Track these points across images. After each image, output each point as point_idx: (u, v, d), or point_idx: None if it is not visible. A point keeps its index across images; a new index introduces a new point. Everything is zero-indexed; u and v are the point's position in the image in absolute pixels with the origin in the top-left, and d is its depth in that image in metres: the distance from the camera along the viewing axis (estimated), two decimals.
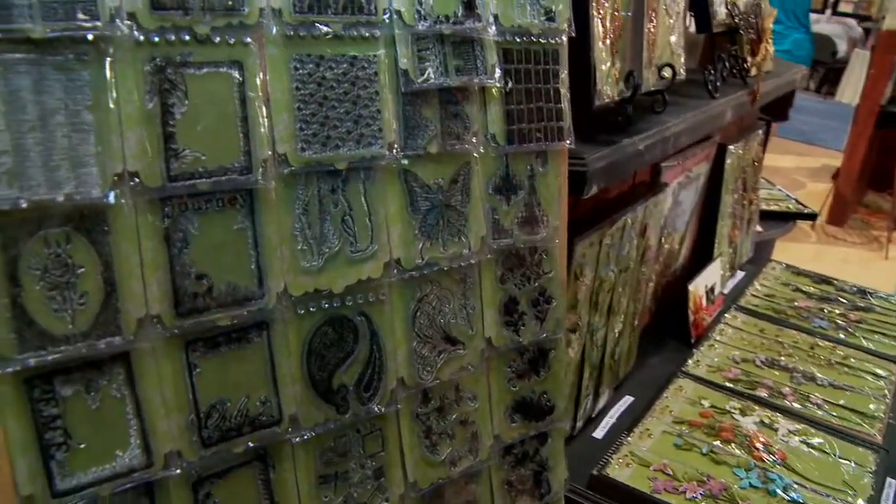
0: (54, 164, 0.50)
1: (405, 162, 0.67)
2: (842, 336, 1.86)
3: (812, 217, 2.79)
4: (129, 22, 0.51)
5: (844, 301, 2.06)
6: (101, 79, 0.51)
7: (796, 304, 2.01)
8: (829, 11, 8.67)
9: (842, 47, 8.34)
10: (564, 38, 0.79)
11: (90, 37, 0.50)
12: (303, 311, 0.63)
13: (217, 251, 0.57)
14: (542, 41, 0.77)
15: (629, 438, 1.38)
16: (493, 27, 0.71)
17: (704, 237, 1.97)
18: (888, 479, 1.36)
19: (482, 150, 0.73)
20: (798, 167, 6.65)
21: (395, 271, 0.69)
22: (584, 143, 1.00)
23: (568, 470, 0.95)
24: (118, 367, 0.54)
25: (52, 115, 0.50)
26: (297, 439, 0.64)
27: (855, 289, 2.16)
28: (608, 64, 1.07)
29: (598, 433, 1.43)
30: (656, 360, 1.70)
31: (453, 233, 0.72)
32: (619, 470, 1.30)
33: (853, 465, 1.38)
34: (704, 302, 1.86)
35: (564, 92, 0.79)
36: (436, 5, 0.66)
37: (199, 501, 0.60)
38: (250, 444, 0.61)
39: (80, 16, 0.49)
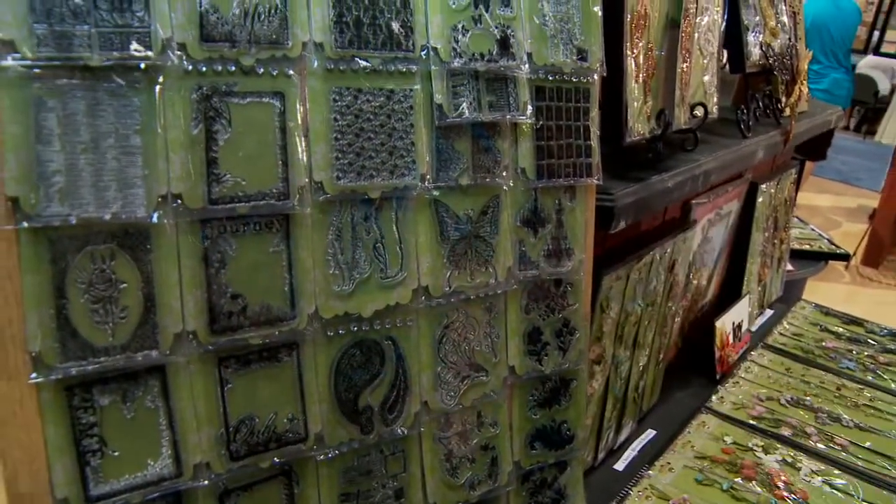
0: (103, 185, 0.52)
1: (436, 193, 0.69)
2: (870, 378, 1.83)
3: (845, 258, 2.75)
4: (179, 52, 0.54)
5: (874, 343, 2.03)
6: (150, 105, 0.54)
7: (824, 344, 1.98)
8: (871, 52, 8.58)
9: (884, 87, 8.23)
10: (596, 77, 0.80)
11: (143, 65, 0.52)
12: (332, 334, 0.65)
13: (253, 272, 0.59)
14: (574, 80, 0.78)
15: (650, 472, 1.37)
16: (527, 65, 0.73)
17: (733, 274, 1.95)
18: None
19: (512, 184, 0.75)
20: (834, 206, 6.56)
21: (423, 298, 0.70)
22: (613, 178, 1.01)
23: (587, 501, 0.95)
24: (153, 380, 0.56)
25: (104, 137, 0.52)
26: (322, 457, 0.66)
27: (886, 331, 2.12)
28: (640, 101, 1.08)
29: (620, 465, 1.42)
30: (681, 394, 1.69)
31: (481, 263, 0.74)
32: (639, 503, 1.29)
33: None
34: (731, 339, 1.84)
35: (594, 129, 0.80)
36: (471, 43, 0.68)
37: None
38: (276, 460, 0.63)
39: (135, 45, 0.52)
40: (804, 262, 2.64)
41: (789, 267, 2.45)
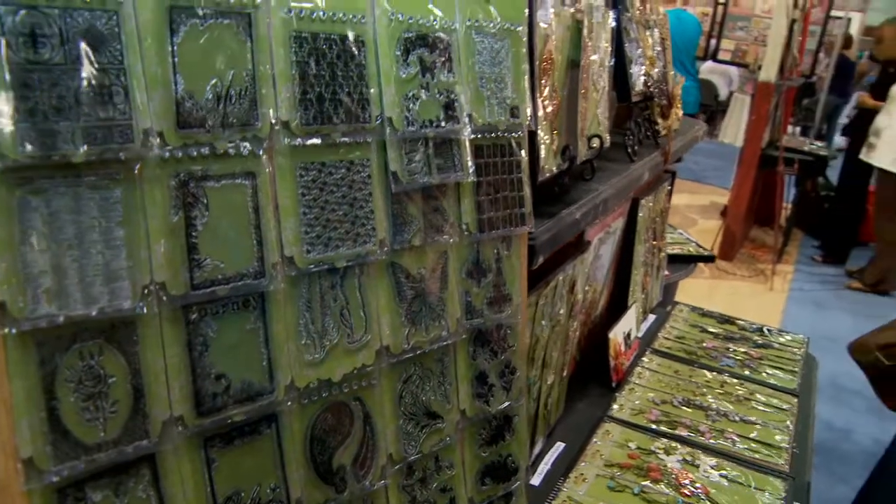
0: (90, 280, 0.52)
1: (393, 256, 0.72)
2: (747, 373, 2.01)
3: (710, 259, 2.98)
4: (157, 140, 0.55)
5: (746, 339, 2.22)
6: (131, 195, 0.54)
7: (705, 344, 2.15)
8: (709, 59, 9.25)
9: (723, 91, 8.92)
10: (526, 132, 0.86)
11: (123, 156, 0.53)
12: (306, 401, 0.67)
13: (233, 351, 0.61)
14: (507, 135, 0.84)
15: (566, 484, 1.45)
16: (468, 127, 0.77)
17: (620, 286, 2.08)
18: None
19: (457, 239, 0.79)
20: (689, 205, 7.03)
21: (385, 357, 0.73)
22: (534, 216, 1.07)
23: None
24: (144, 469, 0.57)
25: (88, 232, 0.52)
26: None
27: (754, 327, 2.32)
28: (549, 140, 1.15)
29: (536, 480, 1.49)
30: (582, 405, 1.79)
31: (434, 317, 0.78)
32: None
33: (767, 494, 1.49)
34: (623, 347, 1.96)
35: (526, 180, 0.86)
36: (421, 111, 0.72)
37: None
38: None
39: (116, 138, 0.52)
40: (676, 265, 2.84)
41: (665, 272, 2.63)
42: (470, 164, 0.78)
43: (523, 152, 0.86)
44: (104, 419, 0.54)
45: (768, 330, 2.33)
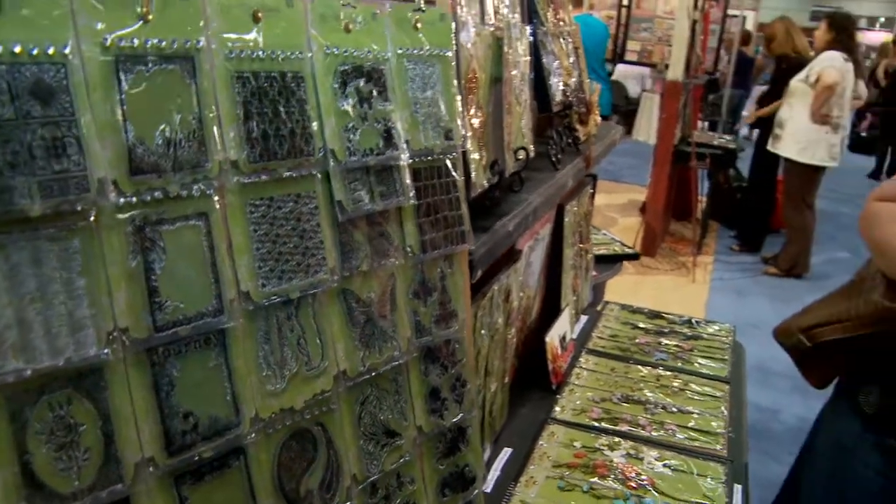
0: (55, 332, 0.54)
1: (344, 283, 0.75)
2: (680, 365, 2.10)
3: (635, 257, 3.09)
4: (112, 189, 0.56)
5: (676, 332, 2.31)
6: (89, 244, 0.56)
7: (637, 340, 2.24)
8: (617, 61, 9.55)
9: (634, 91, 9.22)
10: (460, 152, 0.90)
11: (79, 207, 0.54)
12: (271, 431, 0.69)
13: (198, 389, 0.62)
14: (443, 157, 0.87)
15: (517, 489, 1.50)
16: (406, 153, 0.81)
17: (552, 290, 2.15)
18: (735, 486, 1.57)
19: (402, 262, 0.82)
20: (608, 204, 7.23)
21: (343, 381, 0.76)
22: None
23: None
24: None
25: (49, 284, 0.54)
26: None
27: (683, 319, 2.43)
28: (478, 157, 1.19)
29: (487, 487, 1.52)
30: (525, 410, 1.84)
31: (385, 339, 0.81)
32: None
33: (709, 479, 1.58)
34: (559, 350, 2.02)
35: (462, 199, 0.90)
36: (361, 140, 0.75)
37: None
38: None
39: (72, 189, 0.54)
40: (602, 265, 2.93)
41: (593, 272, 2.71)
42: (410, 188, 0.81)
43: (459, 173, 0.90)
44: (77, 468, 0.55)
45: (696, 321, 2.44)
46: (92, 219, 0.56)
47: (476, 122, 1.20)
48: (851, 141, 11.91)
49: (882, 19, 24.22)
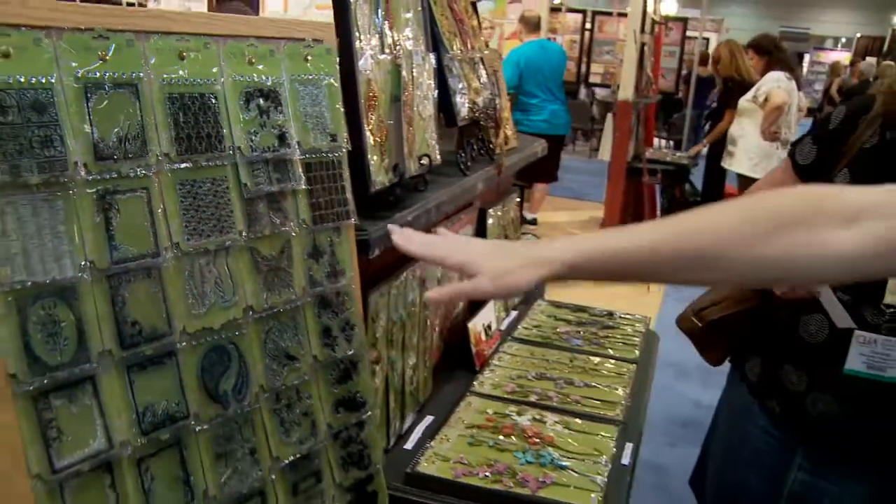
0: (46, 260, 0.87)
1: (250, 242, 1.08)
2: (594, 349, 2.43)
3: None
4: (83, 169, 0.90)
5: (596, 323, 2.65)
6: (69, 205, 0.89)
7: (558, 329, 2.57)
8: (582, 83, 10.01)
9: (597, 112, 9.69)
10: (344, 151, 1.24)
11: (63, 180, 0.88)
12: (195, 343, 1.02)
13: (141, 306, 0.95)
14: (330, 155, 1.22)
15: (432, 444, 1.82)
16: (298, 150, 1.15)
17: None
18: (626, 444, 1.89)
19: (298, 230, 1.16)
20: (570, 221, 7.61)
21: (251, 313, 1.09)
22: (367, 219, 1.45)
23: (387, 473, 1.36)
24: (87, 385, 0.90)
25: (43, 229, 0.87)
26: (199, 429, 1.02)
27: (604, 312, 2.77)
28: (378, 160, 1.53)
29: (408, 445, 1.84)
30: (449, 387, 2.16)
31: (284, 285, 1.14)
32: (428, 466, 1.72)
33: (601, 436, 1.89)
34: (483, 337, 2.35)
35: (347, 186, 1.24)
36: (261, 141, 1.09)
37: (142, 473, 0.96)
38: (171, 434, 0.98)
39: (58, 168, 0.87)
40: None
41: None
42: (301, 176, 1.15)
43: (345, 166, 1.24)
44: (60, 349, 0.88)
45: (616, 314, 2.78)
46: (71, 189, 0.89)
47: (377, 132, 1.54)
48: None
49: (843, 39, 25.06)
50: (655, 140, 7.73)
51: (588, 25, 10.51)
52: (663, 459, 3.64)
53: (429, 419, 1.98)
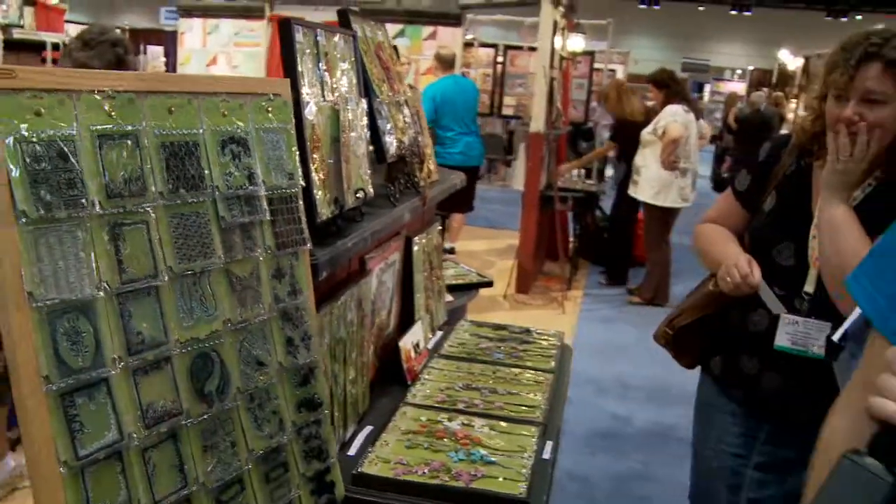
0: (71, 280, 1.07)
1: (227, 265, 1.31)
2: (514, 361, 2.70)
3: (489, 284, 3.72)
4: (98, 205, 1.11)
5: (514, 339, 2.93)
6: (87, 235, 1.10)
7: (481, 346, 2.84)
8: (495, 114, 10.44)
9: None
10: (300, 187, 1.48)
11: (82, 215, 1.09)
12: (185, 350, 1.23)
13: (145, 318, 1.16)
14: (288, 191, 1.45)
15: (373, 449, 2.04)
16: (263, 187, 1.38)
17: (406, 307, 2.73)
18: (546, 441, 2.16)
19: (264, 255, 1.39)
20: (488, 249, 7.94)
21: (229, 325, 1.31)
22: (317, 246, 1.68)
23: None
24: (103, 385, 1.11)
25: (67, 255, 1.07)
26: (190, 424, 1.23)
27: (523, 329, 3.05)
28: (322, 193, 1.77)
29: (351, 451, 2.05)
30: (385, 399, 2.39)
31: (254, 302, 1.36)
32: (371, 468, 1.94)
33: (524, 435, 2.16)
34: (413, 354, 2.59)
35: (303, 217, 1.47)
36: (234, 181, 1.32)
37: (146, 462, 1.16)
38: (168, 427, 1.19)
39: (80, 205, 1.08)
40: (461, 293, 3.55)
41: (450, 298, 3.31)
42: (266, 209, 1.38)
43: (300, 200, 1.48)
44: (82, 356, 1.08)
45: (533, 331, 3.06)
46: (88, 222, 1.10)
47: (320, 170, 1.78)
48: (714, 183, 13.23)
49: (739, 71, 26.65)
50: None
51: (500, 59, 10.99)
52: (585, 469, 3.93)
53: (368, 428, 2.20)
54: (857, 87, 1.76)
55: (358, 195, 2.00)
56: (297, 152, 1.48)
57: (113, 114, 1.15)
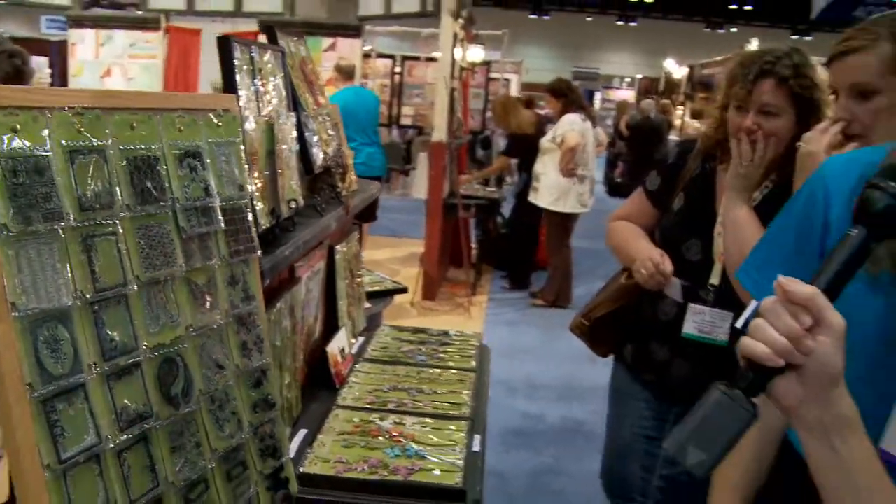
0: (50, 289, 1.12)
1: (188, 273, 1.37)
2: (436, 362, 2.82)
3: (403, 291, 3.84)
4: (73, 218, 1.16)
5: (435, 341, 3.05)
6: (63, 247, 1.15)
7: (403, 349, 2.95)
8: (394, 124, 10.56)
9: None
10: (249, 198, 1.56)
11: (57, 228, 1.14)
12: (153, 355, 1.29)
13: (116, 325, 1.22)
14: (239, 202, 1.53)
15: (311, 450, 2.12)
16: (218, 198, 1.45)
17: (331, 314, 2.81)
18: (475, 435, 2.28)
19: (220, 263, 1.46)
20: (391, 258, 8.04)
21: (191, 331, 1.38)
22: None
23: None
24: (81, 391, 1.16)
25: (45, 266, 1.12)
26: (159, 426, 1.29)
27: (439, 332, 3.17)
28: (261, 204, 1.85)
29: (291, 454, 2.12)
30: (316, 404, 2.48)
31: (212, 308, 1.43)
32: (312, 468, 2.03)
33: (453, 430, 2.28)
34: (340, 359, 2.68)
35: (252, 226, 1.55)
36: (192, 192, 1.39)
37: (122, 463, 1.22)
38: (140, 430, 1.25)
39: (55, 218, 1.13)
40: (377, 300, 3.65)
41: (368, 305, 3.41)
42: (221, 220, 1.46)
43: (249, 211, 1.55)
44: (61, 363, 1.13)
45: (451, 333, 3.19)
46: (63, 233, 1.15)
47: (259, 181, 1.85)
48: (609, 187, 13.78)
49: (628, 79, 27.80)
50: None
51: (398, 70, 11.13)
52: (502, 465, 4.09)
53: (304, 431, 2.28)
54: (754, 100, 1.99)
55: (291, 205, 2.08)
56: (246, 165, 1.56)
57: (82, 130, 1.21)
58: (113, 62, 7.67)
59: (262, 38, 2.29)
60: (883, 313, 1.14)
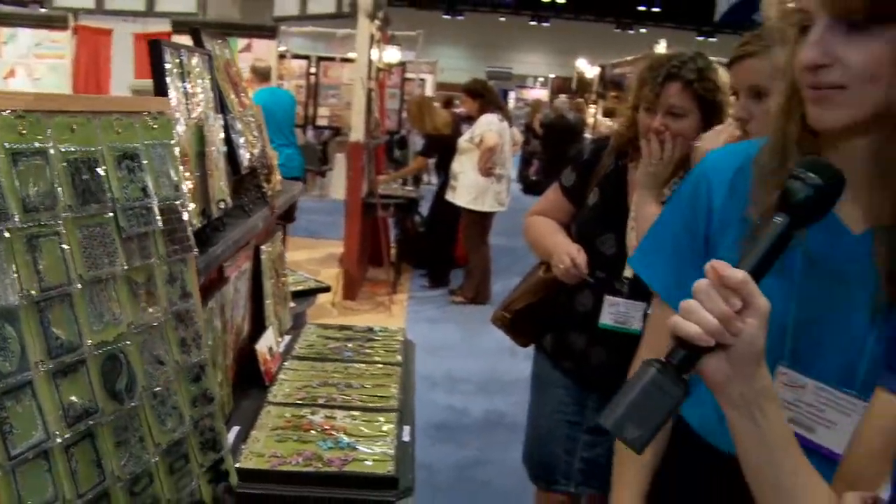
0: None
1: (128, 272, 1.41)
2: (363, 358, 2.89)
3: (327, 289, 3.89)
4: (18, 219, 1.19)
5: (360, 337, 3.12)
6: (9, 247, 1.18)
7: (329, 346, 3.01)
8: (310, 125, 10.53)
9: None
10: (184, 198, 1.60)
11: (3, 228, 1.17)
12: (97, 352, 1.33)
13: (62, 324, 1.25)
14: (175, 202, 1.57)
15: (245, 446, 2.17)
16: (155, 199, 1.49)
17: (258, 313, 2.85)
18: (404, 426, 2.36)
19: (159, 262, 1.50)
20: (310, 258, 8.04)
21: (132, 328, 1.42)
22: None
23: None
24: (28, 388, 1.19)
25: None
26: (105, 421, 1.33)
27: (366, 328, 3.24)
28: (193, 205, 1.88)
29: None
30: (247, 401, 2.51)
31: (152, 305, 1.47)
32: (247, 463, 2.07)
33: (383, 422, 2.35)
34: (268, 357, 2.72)
35: (187, 225, 1.60)
36: (131, 193, 1.43)
37: (69, 459, 1.25)
38: (86, 426, 1.29)
39: (2, 218, 1.17)
40: (301, 299, 3.69)
41: (292, 304, 3.44)
42: (159, 219, 1.50)
43: (184, 211, 1.60)
44: (9, 360, 1.16)
45: (375, 329, 3.27)
46: (7, 234, 1.18)
47: (190, 183, 1.89)
48: (523, 185, 14.05)
49: (541, 79, 28.35)
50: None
51: (313, 70, 11.09)
52: (428, 458, 4.17)
53: (236, 428, 2.32)
54: (662, 103, 2.14)
55: (220, 206, 2.12)
56: (181, 166, 1.60)
57: (24, 132, 1.23)
58: (17, 62, 7.42)
59: (176, 38, 2.32)
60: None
